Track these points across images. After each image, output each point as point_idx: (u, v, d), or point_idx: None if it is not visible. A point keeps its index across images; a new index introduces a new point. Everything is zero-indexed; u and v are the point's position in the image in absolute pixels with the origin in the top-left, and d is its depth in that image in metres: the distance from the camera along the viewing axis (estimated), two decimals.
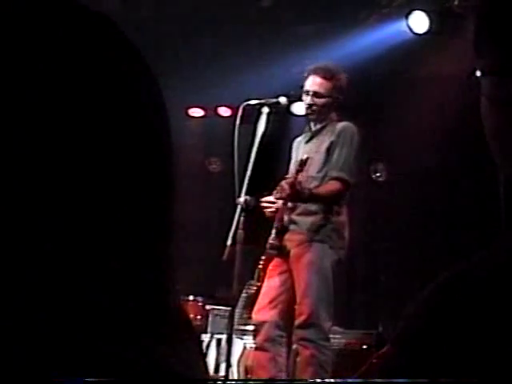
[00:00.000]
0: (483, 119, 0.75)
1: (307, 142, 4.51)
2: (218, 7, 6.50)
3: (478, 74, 0.75)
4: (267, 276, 4.36)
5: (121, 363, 0.51)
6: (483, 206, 5.20)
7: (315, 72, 4.39)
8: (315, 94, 4.36)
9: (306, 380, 3.39)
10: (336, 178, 4.28)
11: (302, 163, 4.16)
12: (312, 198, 4.23)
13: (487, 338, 0.59)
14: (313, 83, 4.38)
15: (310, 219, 4.30)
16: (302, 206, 4.34)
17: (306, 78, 4.43)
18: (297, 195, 4.18)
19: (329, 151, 4.33)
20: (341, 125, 4.40)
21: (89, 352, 0.50)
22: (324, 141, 4.38)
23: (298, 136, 4.71)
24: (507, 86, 0.72)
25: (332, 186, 4.28)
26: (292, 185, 4.13)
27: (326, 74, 4.36)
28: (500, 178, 0.75)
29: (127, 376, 0.51)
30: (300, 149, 4.54)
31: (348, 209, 4.43)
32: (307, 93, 4.39)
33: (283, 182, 4.22)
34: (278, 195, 4.24)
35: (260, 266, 4.37)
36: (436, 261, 6.03)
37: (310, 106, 4.38)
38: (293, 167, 4.45)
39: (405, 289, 6.21)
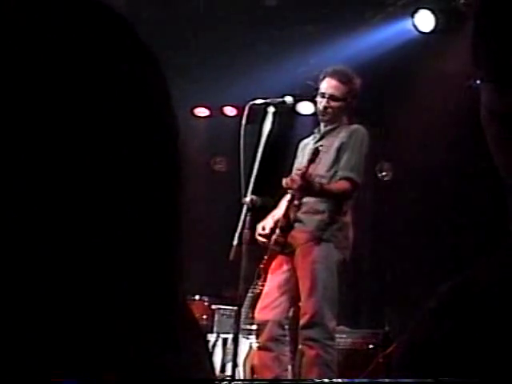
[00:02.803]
0: (484, 129, 0.75)
1: (317, 141, 4.50)
2: (223, 7, 6.50)
3: (478, 81, 0.75)
4: (270, 275, 4.35)
5: (126, 363, 0.51)
6: (490, 206, 5.19)
7: (332, 75, 4.38)
8: (331, 97, 4.36)
9: (313, 380, 3.38)
10: (346, 178, 4.27)
11: (315, 153, 4.15)
12: (322, 192, 4.23)
13: (494, 340, 0.59)
14: (329, 86, 4.38)
15: (316, 218, 4.29)
16: (308, 205, 4.33)
17: (322, 80, 4.42)
18: (307, 187, 4.17)
19: (339, 151, 4.32)
20: (352, 127, 4.41)
21: (93, 352, 0.50)
22: (334, 141, 4.37)
23: (304, 138, 4.71)
24: (505, 97, 0.72)
25: (342, 185, 4.28)
26: (303, 176, 4.12)
27: (343, 77, 4.36)
28: (505, 184, 0.75)
29: (132, 375, 0.51)
30: (307, 149, 4.52)
31: (354, 208, 4.43)
32: (323, 95, 4.39)
33: (294, 174, 4.22)
34: (289, 186, 4.23)
35: (262, 265, 4.36)
36: (442, 260, 6.02)
37: (325, 108, 4.38)
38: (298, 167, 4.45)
39: (411, 288, 6.20)
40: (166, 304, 0.56)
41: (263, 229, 4.38)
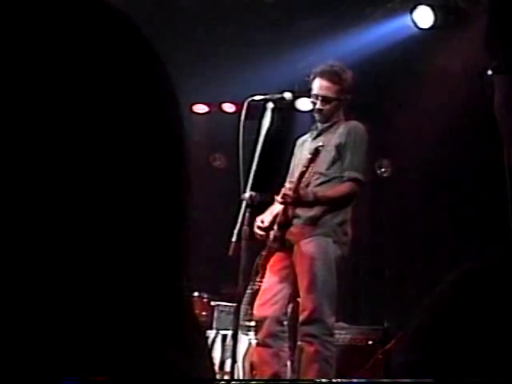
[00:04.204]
0: (497, 116, 0.75)
1: (314, 138, 4.49)
2: (222, 3, 6.50)
3: (490, 72, 0.74)
4: (269, 271, 4.34)
5: (126, 362, 0.51)
6: (489, 203, 5.19)
7: (321, 75, 4.34)
8: (324, 99, 4.33)
9: (313, 380, 3.39)
10: (353, 179, 4.26)
11: (315, 153, 4.13)
12: (317, 201, 4.21)
13: (495, 340, 0.59)
14: (320, 87, 4.34)
15: (313, 213, 4.28)
16: None
17: (313, 80, 4.39)
18: (300, 200, 4.17)
19: (339, 149, 4.30)
20: (350, 124, 4.37)
21: (93, 349, 0.50)
22: (332, 138, 4.34)
23: (301, 135, 4.70)
24: None
25: (347, 187, 4.26)
26: (295, 190, 4.13)
27: (333, 77, 4.32)
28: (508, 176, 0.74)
29: (132, 375, 0.51)
30: (305, 146, 4.51)
31: (352, 204, 4.42)
32: (316, 97, 4.36)
33: (286, 188, 4.21)
34: (282, 201, 4.24)
35: (259, 261, 4.36)
36: (441, 256, 6.02)
37: (319, 110, 4.36)
38: (295, 166, 4.44)
39: (410, 285, 6.21)
40: (168, 300, 0.56)
41: (262, 222, 4.37)
